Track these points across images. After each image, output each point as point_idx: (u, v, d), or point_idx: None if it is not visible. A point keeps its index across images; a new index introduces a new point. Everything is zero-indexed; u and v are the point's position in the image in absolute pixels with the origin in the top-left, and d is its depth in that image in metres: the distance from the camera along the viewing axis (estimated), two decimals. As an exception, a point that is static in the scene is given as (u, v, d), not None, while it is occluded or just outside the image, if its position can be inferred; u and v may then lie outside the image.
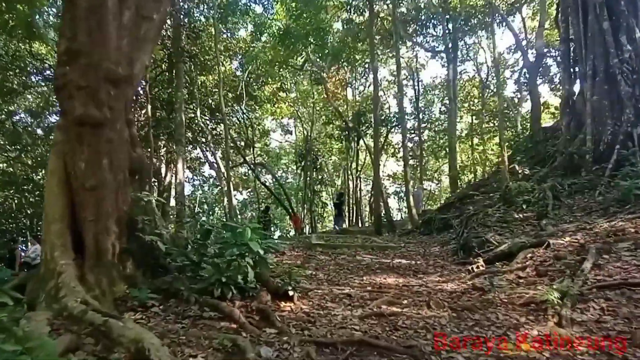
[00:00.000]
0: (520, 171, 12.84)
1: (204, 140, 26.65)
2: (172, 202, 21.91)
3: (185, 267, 5.96)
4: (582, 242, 7.77)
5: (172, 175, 26.99)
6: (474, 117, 32.68)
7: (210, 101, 25.59)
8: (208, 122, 27.53)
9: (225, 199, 33.87)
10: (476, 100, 32.57)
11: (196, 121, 22.57)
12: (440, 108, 34.44)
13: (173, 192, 24.49)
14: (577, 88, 14.43)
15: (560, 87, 26.06)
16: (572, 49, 14.14)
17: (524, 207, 11.71)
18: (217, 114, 26.04)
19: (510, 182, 12.51)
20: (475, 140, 32.95)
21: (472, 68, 33.15)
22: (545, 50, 27.98)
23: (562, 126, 13.88)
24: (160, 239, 5.79)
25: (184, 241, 6.53)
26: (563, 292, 5.61)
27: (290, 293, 5.93)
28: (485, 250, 9.72)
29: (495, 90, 29.17)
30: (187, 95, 24.42)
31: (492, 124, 31.68)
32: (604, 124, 12.52)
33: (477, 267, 8.08)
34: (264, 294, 5.78)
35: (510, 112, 29.88)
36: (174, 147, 21.94)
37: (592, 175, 11.93)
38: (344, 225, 27.48)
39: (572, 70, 14.19)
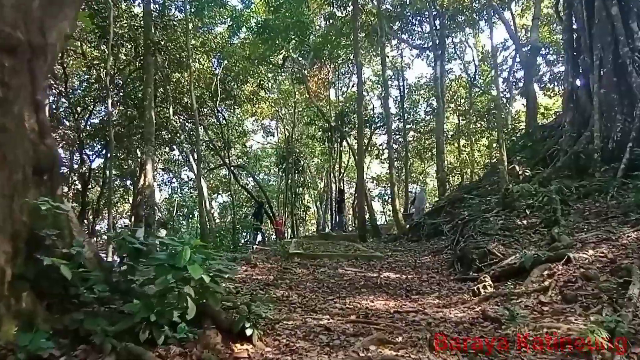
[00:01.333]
0: (520, 172, 11.53)
1: (179, 141, 25.01)
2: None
3: (105, 299, 4.43)
4: (611, 257, 6.42)
5: (153, 177, 25.35)
6: (460, 118, 31.49)
7: (186, 100, 23.97)
8: (185, 121, 25.96)
9: (207, 202, 32.26)
10: (463, 101, 31.39)
11: (169, 120, 20.91)
12: (425, 108, 33.26)
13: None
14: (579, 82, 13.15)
15: (552, 86, 25.12)
16: (575, 38, 12.86)
17: (527, 212, 10.38)
18: (193, 112, 24.48)
19: (510, 184, 11.16)
20: (462, 142, 31.73)
21: (458, 67, 32.10)
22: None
23: (565, 123, 12.60)
24: (72, 261, 4.26)
25: (110, 264, 4.99)
26: (609, 329, 4.22)
27: (249, 332, 4.44)
28: (488, 264, 8.37)
29: (482, 89, 28.09)
30: (161, 93, 22.90)
31: (479, 125, 30.53)
32: (613, 120, 11.26)
33: (484, 287, 6.66)
34: (211, 335, 4.28)
35: (496, 114, 28.68)
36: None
37: (602, 177, 10.64)
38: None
39: (575, 61, 12.87)
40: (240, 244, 22.82)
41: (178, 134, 23.50)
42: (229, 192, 38.82)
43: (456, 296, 6.91)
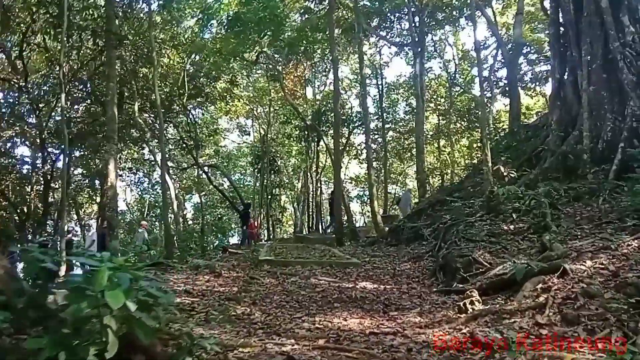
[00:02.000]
0: (505, 173, 10.87)
1: (147, 139, 23.89)
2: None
3: (9, 329, 3.52)
4: (613, 270, 5.72)
5: (116, 177, 24.20)
6: (440, 118, 30.95)
7: (154, 96, 22.87)
8: (154, 119, 24.85)
9: (175, 204, 31.15)
10: (443, 100, 30.86)
11: (134, 117, 19.79)
12: (405, 108, 32.67)
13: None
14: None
15: (533, 85, 24.70)
16: (562, 32, 12.23)
17: (514, 216, 9.70)
18: (163, 110, 23.39)
19: (495, 187, 10.48)
20: (442, 142, 31.20)
21: (438, 66, 31.61)
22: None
23: (551, 121, 11.98)
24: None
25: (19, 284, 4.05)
26: (626, 364, 3.50)
27: (188, 370, 3.59)
28: (473, 273, 7.66)
29: (463, 88, 27.58)
30: (128, 89, 21.79)
31: (460, 125, 30.03)
32: (603, 119, 10.68)
33: (472, 303, 5.90)
34: (140, 376, 3.41)
35: (479, 112, 28.19)
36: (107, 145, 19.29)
37: (593, 178, 10.03)
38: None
39: (562, 57, 12.24)
40: (211, 248, 21.88)
41: (145, 132, 22.36)
42: (203, 193, 37.81)
43: (440, 312, 6.14)
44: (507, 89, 20.35)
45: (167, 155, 29.32)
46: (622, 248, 6.39)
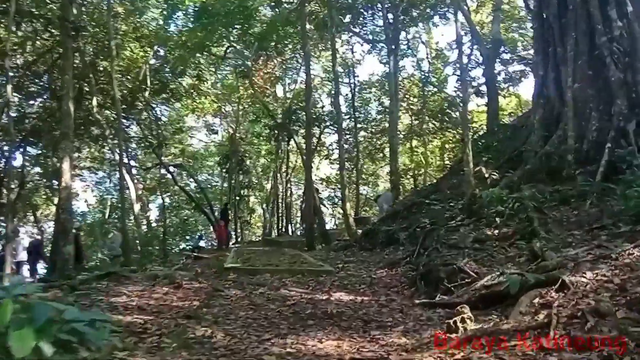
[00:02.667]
0: (487, 175, 10.33)
1: (108, 136, 22.63)
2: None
3: None
4: (618, 283, 5.14)
5: (72, 177, 22.89)
6: (413, 118, 30.52)
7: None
8: (116, 116, 23.59)
9: (136, 206, 29.88)
10: (415, 100, 30.44)
11: (93, 113, 18.56)
12: (377, 107, 32.18)
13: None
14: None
15: (507, 85, 24.44)
16: (546, 26, 11.74)
17: (498, 221, 9.13)
18: (125, 106, 22.21)
19: (477, 189, 9.92)
20: (415, 143, 30.75)
21: (411, 65, 31.19)
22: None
23: (534, 120, 11.51)
24: None
25: None
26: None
27: None
28: (458, 284, 7.04)
29: (438, 87, 27.19)
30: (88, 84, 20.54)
31: (432, 125, 29.67)
32: (588, 118, 10.26)
33: (463, 321, 5.23)
34: None
35: (452, 112, 27.88)
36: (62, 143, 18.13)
37: (582, 181, 9.56)
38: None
39: (545, 53, 11.77)
40: (175, 252, 20.89)
41: (105, 130, 21.14)
42: (169, 194, 36.55)
43: (427, 331, 5.46)
44: (482, 88, 19.95)
45: (129, 154, 28.14)
46: (623, 257, 5.84)
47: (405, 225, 13.48)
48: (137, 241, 15.87)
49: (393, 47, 21.24)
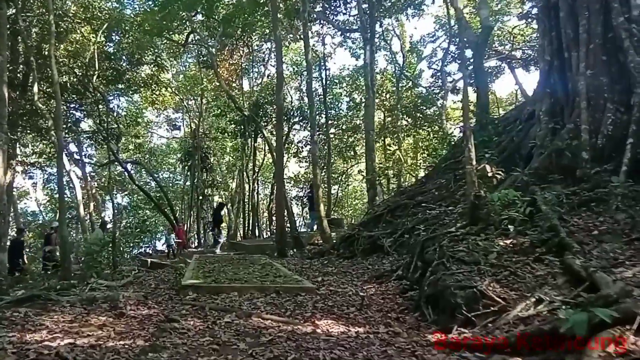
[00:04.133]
0: (490, 173, 8.91)
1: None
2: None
3: None
4: None
5: (13, 174, 20.57)
6: (386, 114, 29.16)
7: (64, 79, 19.43)
8: (66, 107, 21.28)
9: (92, 204, 27.59)
10: (388, 95, 29.09)
11: (34, 102, 16.30)
12: (348, 103, 30.74)
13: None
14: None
15: (488, 80, 23.25)
16: (552, 4, 10.34)
17: (510, 229, 7.68)
18: (74, 96, 20.01)
19: (481, 191, 8.47)
20: (388, 140, 29.39)
21: (384, 59, 29.85)
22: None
23: (540, 112, 10.14)
24: None
25: None
26: None
27: None
28: (481, 313, 5.52)
29: (414, 82, 25.91)
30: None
31: (405, 122, 28.39)
32: (602, 109, 8.92)
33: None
34: None
35: (427, 109, 26.69)
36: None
37: (595, 181, 8.24)
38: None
39: (552, 35, 10.39)
40: (130, 256, 18.93)
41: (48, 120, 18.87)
42: (127, 192, 34.23)
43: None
44: (458, 84, 18.64)
45: (82, 150, 25.84)
46: None
47: (390, 231, 12.06)
48: (82, 248, 13.87)
49: (369, 35, 19.73)
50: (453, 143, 16.73)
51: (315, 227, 18.58)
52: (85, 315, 6.26)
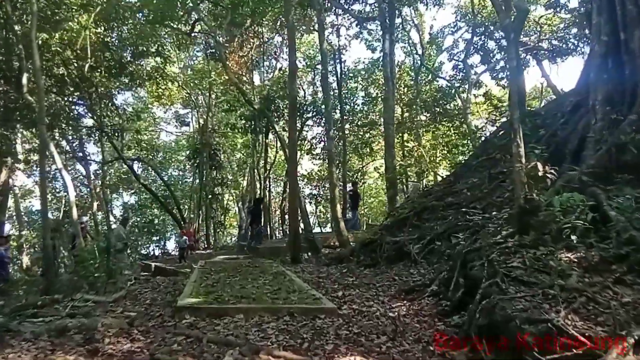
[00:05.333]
0: (542, 172, 7.51)
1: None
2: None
3: None
4: None
5: (8, 172, 19.54)
6: (404, 109, 27.67)
7: (61, 71, 18.26)
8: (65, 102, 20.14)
9: (95, 204, 26.52)
10: (406, 90, 27.61)
11: (24, 95, 15.06)
12: (364, 97, 29.32)
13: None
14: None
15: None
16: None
17: (574, 239, 6.28)
18: (72, 88, 18.86)
19: (533, 193, 7.07)
20: (405, 137, 27.86)
21: (402, 51, 28.33)
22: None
23: (596, 101, 8.69)
24: None
25: None
26: None
27: None
28: (560, 358, 4.15)
29: (435, 75, 24.43)
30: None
31: (424, 117, 26.91)
32: (671, 97, 7.46)
33: None
34: None
35: (447, 104, 25.18)
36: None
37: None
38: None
39: (610, 12, 8.91)
40: (131, 261, 17.76)
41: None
42: (133, 191, 33.19)
43: None
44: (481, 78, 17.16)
45: (83, 147, 24.84)
46: None
47: (417, 236, 10.68)
48: (75, 255, 12.66)
49: (388, 23, 18.29)
50: (484, 139, 15.28)
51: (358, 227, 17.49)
52: (50, 352, 4.97)
